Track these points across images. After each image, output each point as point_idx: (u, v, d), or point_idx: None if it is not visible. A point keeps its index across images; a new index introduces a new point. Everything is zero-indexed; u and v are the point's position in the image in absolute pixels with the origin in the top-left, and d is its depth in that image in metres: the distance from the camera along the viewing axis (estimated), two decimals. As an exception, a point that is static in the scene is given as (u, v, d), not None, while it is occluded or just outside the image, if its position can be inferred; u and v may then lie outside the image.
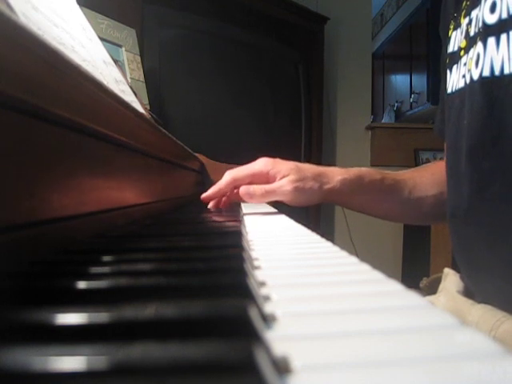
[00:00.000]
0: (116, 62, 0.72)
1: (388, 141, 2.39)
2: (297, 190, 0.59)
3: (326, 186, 0.60)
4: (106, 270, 0.21)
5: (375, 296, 0.18)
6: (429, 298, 0.56)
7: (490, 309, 0.44)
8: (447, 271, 0.58)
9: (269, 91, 1.96)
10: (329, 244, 0.33)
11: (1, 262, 0.22)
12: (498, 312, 0.43)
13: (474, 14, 0.47)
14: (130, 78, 1.17)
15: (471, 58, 0.46)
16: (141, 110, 0.67)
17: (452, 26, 0.54)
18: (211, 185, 0.65)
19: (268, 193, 0.59)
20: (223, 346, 0.11)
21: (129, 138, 0.46)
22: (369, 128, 2.43)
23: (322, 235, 0.37)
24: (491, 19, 0.42)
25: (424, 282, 0.65)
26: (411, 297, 0.18)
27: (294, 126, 2.13)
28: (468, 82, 0.46)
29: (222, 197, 0.65)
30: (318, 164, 0.65)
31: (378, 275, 0.21)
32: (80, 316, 0.13)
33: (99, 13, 1.12)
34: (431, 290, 0.60)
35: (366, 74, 2.44)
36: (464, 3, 0.51)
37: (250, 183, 0.61)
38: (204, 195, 0.64)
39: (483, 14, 0.43)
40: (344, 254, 0.28)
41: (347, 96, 2.40)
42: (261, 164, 0.62)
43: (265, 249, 0.31)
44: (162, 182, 0.66)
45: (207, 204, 0.66)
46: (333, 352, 0.12)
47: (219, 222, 0.51)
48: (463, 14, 0.50)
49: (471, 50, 0.46)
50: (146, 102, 1.21)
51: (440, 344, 0.13)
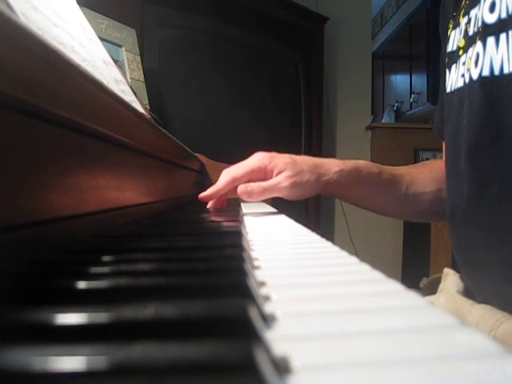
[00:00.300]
0: (116, 61, 0.72)
1: (388, 141, 2.38)
2: (294, 184, 0.59)
3: (323, 178, 0.60)
4: (105, 270, 0.21)
5: (375, 296, 0.18)
6: (429, 298, 0.56)
7: (490, 309, 0.44)
8: (447, 271, 0.58)
9: (269, 91, 1.96)
10: (329, 244, 0.33)
11: (1, 262, 0.22)
12: (498, 312, 0.43)
13: (473, 13, 0.47)
14: (130, 78, 1.17)
15: (470, 58, 0.46)
16: (141, 110, 0.67)
17: (451, 26, 0.54)
18: (211, 185, 0.65)
19: (266, 190, 0.59)
20: (223, 345, 0.11)
21: (129, 138, 0.46)
22: (369, 128, 2.43)
23: (322, 235, 0.37)
24: (491, 19, 0.42)
25: (424, 282, 0.65)
26: (411, 297, 0.18)
27: (294, 126, 2.13)
28: (467, 81, 0.46)
29: (220, 196, 0.65)
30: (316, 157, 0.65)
31: (377, 275, 0.21)
32: (80, 316, 0.13)
33: (99, 13, 1.12)
34: (431, 290, 0.60)
35: (366, 74, 2.44)
36: (463, 2, 0.51)
37: (249, 180, 0.61)
38: (202, 195, 0.64)
39: (482, 14, 0.43)
40: (344, 253, 0.28)
41: (347, 96, 2.40)
42: (257, 159, 0.62)
43: (265, 249, 0.31)
44: (162, 182, 0.66)
45: (207, 204, 0.66)
46: (333, 352, 0.12)
47: (219, 221, 0.51)
48: (462, 13, 0.50)
49: (470, 50, 0.46)
50: (146, 102, 1.21)
51: (440, 344, 0.13)
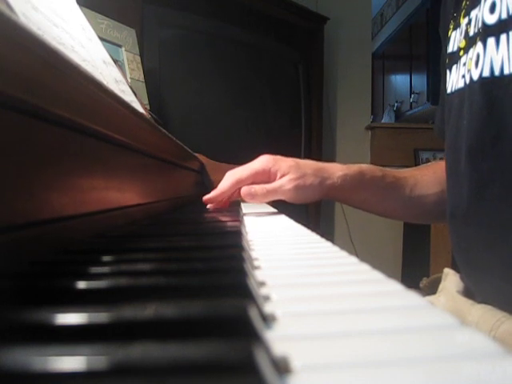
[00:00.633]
0: (116, 61, 0.72)
1: (388, 141, 2.38)
2: (297, 187, 0.59)
3: (327, 182, 0.61)
4: (105, 269, 0.21)
5: (375, 296, 0.18)
6: (429, 298, 0.56)
7: (490, 309, 0.44)
8: (447, 271, 0.58)
9: (269, 91, 1.96)
10: (329, 244, 0.33)
11: (1, 262, 0.22)
12: (498, 312, 0.43)
13: (473, 14, 0.47)
14: (130, 78, 1.17)
15: (471, 58, 0.46)
16: (141, 110, 0.67)
17: (451, 26, 0.54)
18: (211, 184, 0.65)
19: (269, 192, 0.59)
20: (223, 345, 0.11)
21: (129, 138, 0.46)
22: (369, 128, 2.43)
23: (322, 235, 0.37)
24: (491, 19, 0.42)
25: (424, 282, 0.65)
26: (411, 297, 0.18)
27: (294, 126, 2.13)
28: (468, 82, 0.46)
29: (224, 199, 0.65)
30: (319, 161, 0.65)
31: (377, 275, 0.21)
32: (80, 316, 0.13)
33: (99, 13, 1.12)
34: (431, 290, 0.60)
35: (365, 74, 2.44)
36: (463, 3, 0.51)
37: (253, 183, 0.61)
38: (207, 197, 0.64)
39: (483, 14, 0.43)
40: (344, 253, 0.28)
41: (347, 96, 2.40)
42: (262, 162, 0.62)
43: (265, 249, 0.31)
44: (162, 182, 0.66)
45: (207, 204, 0.66)
46: (333, 352, 0.12)
47: (219, 221, 0.51)
48: (463, 13, 0.50)
49: (471, 50, 0.46)
50: (146, 101, 1.21)
51: (440, 344, 0.13)
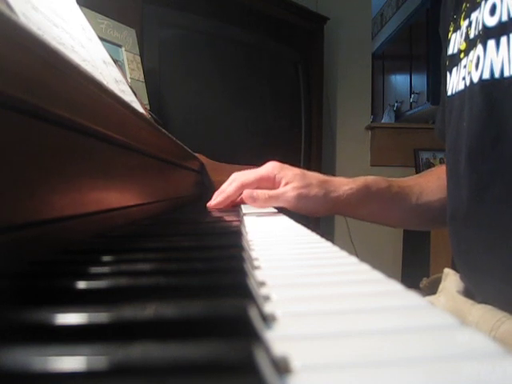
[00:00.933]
0: (116, 61, 0.72)
1: (388, 141, 2.39)
2: (300, 196, 0.58)
3: (332, 195, 0.60)
4: (105, 270, 0.21)
5: (375, 296, 0.18)
6: (429, 298, 0.56)
7: (491, 309, 0.44)
8: (447, 271, 0.58)
9: (268, 91, 1.96)
10: (329, 244, 0.33)
11: (1, 262, 0.22)
12: (499, 312, 0.43)
13: (473, 16, 0.47)
14: (130, 78, 1.17)
15: (471, 61, 0.46)
16: (141, 110, 0.67)
17: (451, 28, 0.54)
18: (211, 185, 0.64)
19: (271, 198, 0.59)
20: (223, 345, 0.11)
21: (129, 138, 0.46)
22: (369, 128, 2.43)
23: (322, 235, 0.37)
24: (491, 22, 0.42)
25: (424, 282, 0.65)
26: (411, 297, 0.18)
27: (294, 126, 2.13)
28: (468, 84, 0.46)
29: (231, 202, 0.65)
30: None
31: (377, 275, 0.21)
32: (80, 316, 0.13)
33: (99, 13, 1.12)
34: (431, 290, 0.60)
35: (365, 74, 2.44)
36: (464, 5, 0.51)
37: (258, 188, 0.61)
38: (213, 204, 0.63)
39: (483, 17, 0.43)
40: (344, 253, 0.28)
41: (347, 96, 2.40)
42: (268, 168, 0.62)
43: (265, 249, 0.31)
44: (162, 182, 0.66)
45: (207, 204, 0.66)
46: (333, 352, 0.12)
47: (219, 221, 0.51)
48: (463, 16, 0.50)
49: (471, 53, 0.46)
50: (146, 102, 1.21)
51: (440, 344, 0.13)
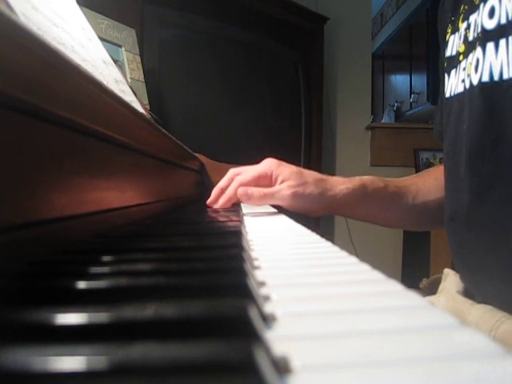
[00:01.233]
0: (116, 61, 0.72)
1: (388, 141, 2.39)
2: (295, 195, 0.58)
3: (328, 193, 0.59)
4: (105, 269, 0.21)
5: (375, 296, 0.18)
6: (429, 299, 0.56)
7: (490, 309, 0.44)
8: (447, 271, 0.58)
9: (268, 91, 1.96)
10: (329, 244, 0.33)
11: (1, 262, 0.22)
12: (498, 312, 0.43)
13: (472, 18, 0.47)
14: (130, 78, 1.17)
15: (470, 63, 0.46)
16: (141, 110, 0.67)
17: (449, 30, 0.54)
18: (211, 185, 0.64)
19: (266, 196, 0.58)
20: (223, 345, 0.11)
21: (129, 138, 0.46)
22: (369, 128, 2.43)
23: (322, 235, 0.37)
24: (490, 24, 0.42)
25: (424, 282, 0.65)
26: (411, 297, 0.18)
27: (294, 126, 2.13)
28: (467, 86, 0.46)
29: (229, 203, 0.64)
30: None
31: (377, 275, 0.21)
32: (80, 316, 0.13)
33: (99, 13, 1.12)
34: (431, 290, 0.59)
35: (366, 74, 2.44)
36: (462, 7, 0.51)
37: (255, 185, 0.60)
38: (216, 206, 0.63)
39: (482, 19, 0.43)
40: (344, 253, 0.28)
41: (347, 96, 2.40)
42: (265, 165, 0.61)
43: (265, 249, 0.31)
44: (161, 182, 0.66)
45: (206, 204, 0.66)
46: (333, 352, 0.12)
47: (219, 222, 0.51)
48: (461, 18, 0.50)
49: (470, 55, 0.46)
50: (146, 102, 1.21)
51: (440, 344, 0.13)
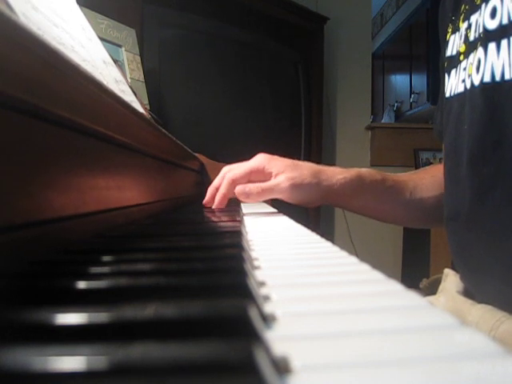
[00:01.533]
0: (116, 61, 0.72)
1: (388, 141, 2.39)
2: (294, 186, 0.58)
3: (325, 183, 0.59)
4: (105, 269, 0.21)
5: (375, 296, 0.18)
6: (429, 299, 0.56)
7: (490, 309, 0.44)
8: (447, 271, 0.58)
9: (268, 91, 1.96)
10: (329, 244, 0.33)
11: (1, 262, 0.22)
12: (498, 312, 0.43)
13: (473, 18, 0.47)
14: (130, 78, 1.17)
15: (471, 63, 0.46)
16: (141, 110, 0.67)
17: (450, 30, 0.54)
18: (209, 184, 0.64)
19: (264, 191, 0.58)
20: (223, 345, 0.11)
21: (129, 138, 0.46)
22: (369, 128, 2.43)
23: (322, 235, 0.37)
24: (492, 25, 0.42)
25: (424, 282, 0.65)
26: (411, 297, 0.18)
27: (294, 126, 2.13)
28: (468, 87, 0.46)
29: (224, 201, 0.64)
30: (318, 164, 0.64)
31: (377, 275, 0.21)
32: (80, 316, 0.13)
33: (99, 13, 1.12)
34: (431, 290, 0.59)
35: (366, 74, 2.44)
36: (463, 7, 0.51)
37: (248, 181, 0.60)
38: (207, 201, 0.64)
39: (484, 20, 0.43)
40: (344, 253, 0.28)
41: (347, 96, 2.40)
42: (257, 160, 0.61)
43: (265, 249, 0.31)
44: (162, 182, 0.66)
45: (207, 206, 0.65)
46: (333, 352, 0.12)
47: (219, 221, 0.51)
48: (462, 18, 0.50)
49: (471, 55, 0.46)
50: (146, 102, 1.21)
51: (440, 344, 0.13)
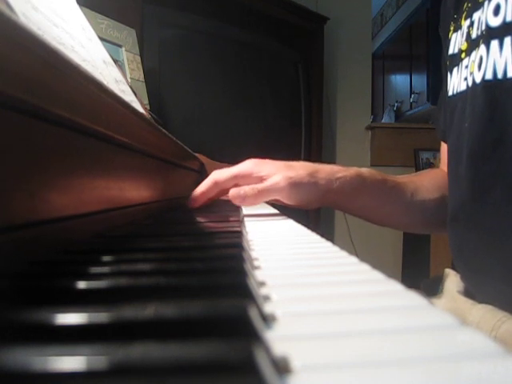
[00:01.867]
0: (116, 61, 0.72)
1: (388, 141, 2.39)
2: (293, 185, 0.54)
3: (323, 182, 0.55)
4: (105, 269, 0.21)
5: (375, 296, 0.18)
6: (429, 299, 0.56)
7: (491, 309, 0.44)
8: (448, 271, 0.58)
9: (269, 91, 1.96)
10: (329, 244, 0.33)
11: (1, 262, 0.22)
12: (499, 312, 0.43)
13: (475, 16, 0.47)
14: (130, 78, 1.17)
15: (473, 61, 0.46)
16: (141, 110, 0.67)
17: (452, 28, 0.54)
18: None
19: (261, 192, 0.54)
20: (223, 345, 0.11)
21: (129, 137, 0.46)
22: (369, 128, 2.43)
23: (322, 235, 0.37)
24: (495, 22, 0.42)
25: (424, 282, 0.65)
26: (411, 297, 0.18)
27: (294, 126, 2.13)
28: (470, 84, 0.46)
29: (208, 200, 0.61)
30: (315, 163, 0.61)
31: (377, 275, 0.21)
32: (80, 316, 0.13)
33: (99, 13, 1.12)
34: (431, 290, 0.59)
35: (366, 74, 2.44)
36: (465, 5, 0.50)
37: (236, 185, 0.56)
38: (191, 201, 0.60)
39: (486, 17, 0.43)
40: (344, 253, 0.28)
41: (347, 96, 2.40)
42: (244, 165, 0.57)
43: (265, 249, 0.31)
44: (162, 182, 0.66)
45: (206, 204, 0.65)
46: (333, 352, 0.12)
47: (219, 222, 0.51)
48: (464, 15, 0.50)
49: (473, 53, 0.46)
50: (146, 102, 1.21)
51: (440, 344, 0.13)
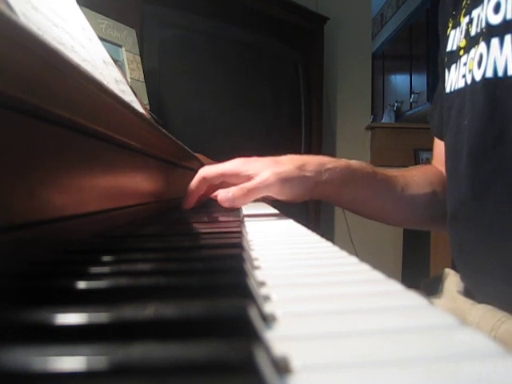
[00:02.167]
0: (116, 61, 0.72)
1: (388, 141, 2.39)
2: (283, 180, 0.53)
3: (312, 175, 0.54)
4: (105, 269, 0.21)
5: (375, 296, 0.18)
6: (429, 299, 0.56)
7: (491, 309, 0.44)
8: (447, 271, 0.58)
9: (269, 91, 1.96)
10: (329, 244, 0.33)
11: (1, 262, 0.22)
12: (499, 312, 0.43)
13: (475, 13, 0.47)
14: (130, 78, 1.17)
15: (472, 58, 0.45)
16: (141, 110, 0.67)
17: (450, 25, 0.54)
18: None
19: (250, 191, 0.52)
20: (223, 345, 0.11)
21: (129, 137, 0.46)
22: (369, 128, 2.43)
23: (322, 235, 0.37)
24: (495, 19, 0.42)
25: (424, 282, 0.65)
26: (411, 297, 0.18)
27: (294, 126, 2.13)
28: (469, 82, 0.46)
29: (200, 198, 0.60)
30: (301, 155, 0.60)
31: (377, 275, 0.21)
32: (80, 316, 0.13)
33: (99, 13, 1.12)
34: (431, 290, 0.59)
35: (366, 74, 2.44)
36: (464, 2, 0.50)
37: (223, 183, 0.56)
38: (186, 204, 0.60)
39: (486, 14, 0.43)
40: (344, 253, 0.28)
41: (347, 96, 2.40)
42: (231, 164, 0.57)
43: (265, 249, 0.31)
44: (161, 182, 0.66)
45: (206, 204, 0.65)
46: (333, 352, 0.12)
47: (219, 222, 0.51)
48: (463, 12, 0.50)
49: (472, 50, 0.46)
50: (146, 102, 1.21)
51: (440, 344, 0.13)
